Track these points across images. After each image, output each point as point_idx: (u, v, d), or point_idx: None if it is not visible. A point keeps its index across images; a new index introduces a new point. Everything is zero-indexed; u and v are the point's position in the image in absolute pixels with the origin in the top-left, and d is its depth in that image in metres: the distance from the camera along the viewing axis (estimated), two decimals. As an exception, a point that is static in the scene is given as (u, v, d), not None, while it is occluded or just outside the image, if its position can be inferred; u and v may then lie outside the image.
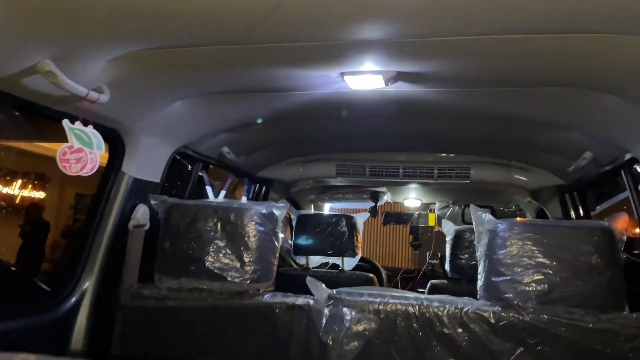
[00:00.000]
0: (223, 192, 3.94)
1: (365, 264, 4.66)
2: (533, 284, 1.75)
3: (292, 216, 3.64)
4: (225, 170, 3.10)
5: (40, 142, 7.97)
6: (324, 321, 1.85)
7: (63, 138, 1.61)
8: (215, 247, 1.95)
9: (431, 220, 4.89)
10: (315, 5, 1.23)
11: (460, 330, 1.78)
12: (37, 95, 1.58)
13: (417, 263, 6.14)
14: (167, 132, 2.21)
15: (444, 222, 3.19)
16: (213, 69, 1.73)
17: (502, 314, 1.75)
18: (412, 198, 4.73)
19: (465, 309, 1.79)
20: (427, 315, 1.82)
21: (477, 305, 1.81)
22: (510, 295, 1.76)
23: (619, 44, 1.34)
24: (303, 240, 3.51)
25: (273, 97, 2.08)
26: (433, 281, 3.26)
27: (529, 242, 1.78)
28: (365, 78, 1.76)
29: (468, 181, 3.34)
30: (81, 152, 1.54)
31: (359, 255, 3.53)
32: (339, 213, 4.38)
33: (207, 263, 1.94)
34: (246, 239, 1.94)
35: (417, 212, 5.02)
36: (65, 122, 1.55)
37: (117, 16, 1.30)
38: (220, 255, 1.94)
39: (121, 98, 1.79)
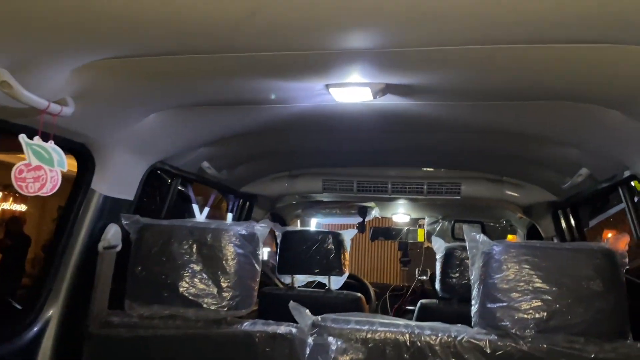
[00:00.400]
0: (207, 209, 3.80)
1: (353, 281, 4.52)
2: (531, 311, 1.64)
3: (276, 233, 3.50)
4: (206, 186, 2.97)
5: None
6: (307, 351, 1.72)
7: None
8: (190, 271, 1.81)
9: (420, 235, 4.78)
10: (296, 12, 1.12)
11: None
12: (-7, 107, 1.45)
13: (407, 279, 6.02)
14: (141, 146, 2.07)
15: (434, 239, 3.07)
16: (188, 79, 1.60)
17: (499, 343, 1.64)
18: (400, 213, 4.63)
19: (459, 338, 1.67)
20: (419, 344, 1.69)
21: (471, 333, 1.69)
22: (507, 323, 1.64)
23: (623, 54, 1.24)
24: (288, 258, 3.36)
25: (254, 110, 1.96)
26: (423, 301, 3.13)
27: (526, 266, 1.67)
28: (352, 90, 1.65)
29: (459, 197, 3.24)
30: (40, 170, 1.40)
31: (346, 274, 3.39)
32: (326, 229, 4.26)
33: (182, 288, 1.80)
34: (224, 262, 1.81)
35: (406, 228, 4.90)
36: (22, 137, 1.41)
37: (79, 22, 1.18)
38: (196, 280, 1.80)
39: (89, 111, 1.66)
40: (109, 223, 2.04)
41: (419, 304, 3.10)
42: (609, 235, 1.80)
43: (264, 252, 6.63)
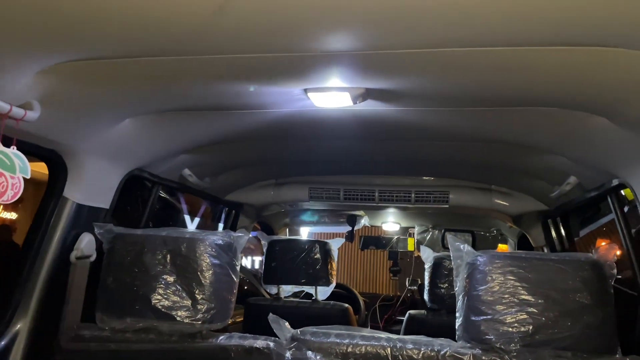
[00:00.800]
0: (197, 219, 3.73)
1: (342, 291, 4.46)
2: (516, 325, 1.58)
3: (262, 242, 3.44)
4: (188, 194, 2.90)
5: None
6: None
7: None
8: (163, 282, 1.74)
9: (410, 245, 4.72)
10: (267, 12, 1.06)
11: None
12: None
13: (397, 289, 5.95)
14: (117, 153, 2.00)
15: (423, 248, 3.02)
16: (160, 83, 1.54)
17: (483, 357, 1.58)
18: (390, 222, 4.57)
19: (442, 352, 1.61)
20: (401, 358, 1.63)
21: (455, 347, 1.63)
22: (492, 336, 1.59)
23: (609, 58, 1.20)
24: (274, 268, 3.29)
25: (233, 116, 1.90)
26: (411, 312, 3.07)
27: (511, 277, 1.61)
28: (331, 95, 1.60)
29: (447, 206, 3.18)
30: (0, 176, 1.33)
31: (334, 284, 3.32)
32: (314, 238, 4.19)
33: (154, 301, 1.72)
34: (199, 273, 1.74)
35: (396, 237, 4.85)
36: (-20, 143, 1.35)
37: (41, 23, 1.12)
38: (169, 292, 1.73)
39: (57, 115, 1.59)
40: (82, 232, 1.97)
41: (407, 315, 3.04)
42: (602, 244, 1.75)
43: (255, 262, 6.55)
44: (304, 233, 5.39)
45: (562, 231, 3.03)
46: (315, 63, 1.39)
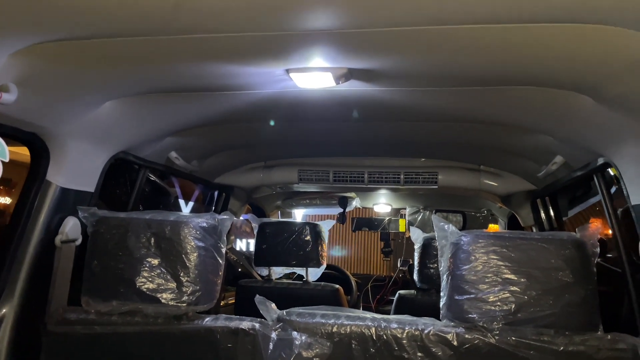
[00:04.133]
0: (191, 204, 3.71)
1: (335, 272, 4.48)
2: (499, 303, 1.59)
3: (253, 224, 3.43)
4: (176, 177, 2.89)
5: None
6: (271, 347, 1.66)
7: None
8: (148, 265, 1.74)
9: (402, 226, 4.73)
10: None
11: (420, 354, 1.62)
12: None
13: (390, 270, 5.99)
14: (99, 136, 1.98)
15: (412, 229, 3.02)
16: (139, 64, 1.52)
17: (466, 335, 1.59)
18: (381, 203, 4.57)
19: (426, 331, 1.63)
20: (385, 337, 1.64)
21: (439, 326, 1.64)
22: (475, 315, 1.60)
23: (598, 35, 1.18)
24: (265, 250, 3.30)
25: (216, 97, 1.88)
26: (401, 292, 3.09)
27: (494, 257, 1.62)
28: (313, 75, 1.58)
29: (436, 186, 3.18)
30: (-24, 160, 1.31)
31: (324, 265, 3.34)
32: (307, 220, 4.19)
33: (139, 284, 1.72)
34: (183, 256, 1.73)
35: (387, 218, 4.86)
36: (-44, 126, 1.33)
37: (12, 2, 1.09)
38: (154, 274, 1.73)
39: (36, 98, 1.57)
40: (67, 216, 1.96)
41: (397, 295, 3.06)
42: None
43: (250, 244, 6.56)
44: (299, 215, 5.38)
45: (551, 211, 3.04)
46: (296, 42, 1.37)
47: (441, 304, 1.72)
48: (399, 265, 4.80)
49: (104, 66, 1.51)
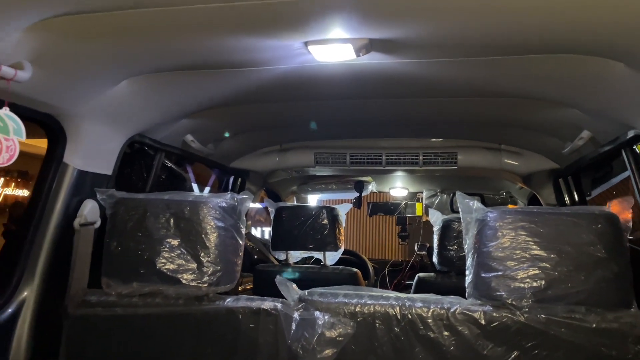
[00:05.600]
0: (207, 189, 3.70)
1: (351, 257, 4.45)
2: (528, 280, 1.54)
3: (270, 209, 3.41)
4: (192, 161, 2.86)
5: None
6: (293, 327, 1.63)
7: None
8: (168, 246, 1.72)
9: (418, 209, 4.68)
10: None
11: (446, 333, 1.58)
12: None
13: (407, 254, 5.95)
14: (115, 117, 1.96)
15: (431, 211, 2.98)
16: (155, 37, 1.48)
17: (494, 314, 1.55)
18: (398, 187, 4.52)
19: (452, 310, 1.59)
20: (410, 317, 1.61)
21: (465, 305, 1.60)
22: (503, 293, 1.55)
23: None
24: (282, 235, 3.27)
25: (233, 74, 1.84)
26: (420, 275, 3.05)
27: (522, 233, 1.57)
28: (333, 48, 1.53)
29: (455, 167, 3.12)
30: (-7, 139, 1.29)
31: (342, 249, 3.31)
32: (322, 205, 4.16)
33: (159, 265, 1.70)
34: (203, 236, 1.71)
35: (404, 202, 4.80)
36: (-29, 104, 1.30)
37: None
38: (174, 255, 1.71)
39: (51, 76, 1.54)
40: (85, 199, 1.94)
41: (416, 278, 3.02)
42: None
43: (265, 232, 6.56)
44: (313, 201, 5.36)
45: (574, 190, 2.96)
46: (315, 11, 1.32)
47: (467, 282, 1.68)
48: (416, 250, 4.76)
49: (118, 40, 1.48)
